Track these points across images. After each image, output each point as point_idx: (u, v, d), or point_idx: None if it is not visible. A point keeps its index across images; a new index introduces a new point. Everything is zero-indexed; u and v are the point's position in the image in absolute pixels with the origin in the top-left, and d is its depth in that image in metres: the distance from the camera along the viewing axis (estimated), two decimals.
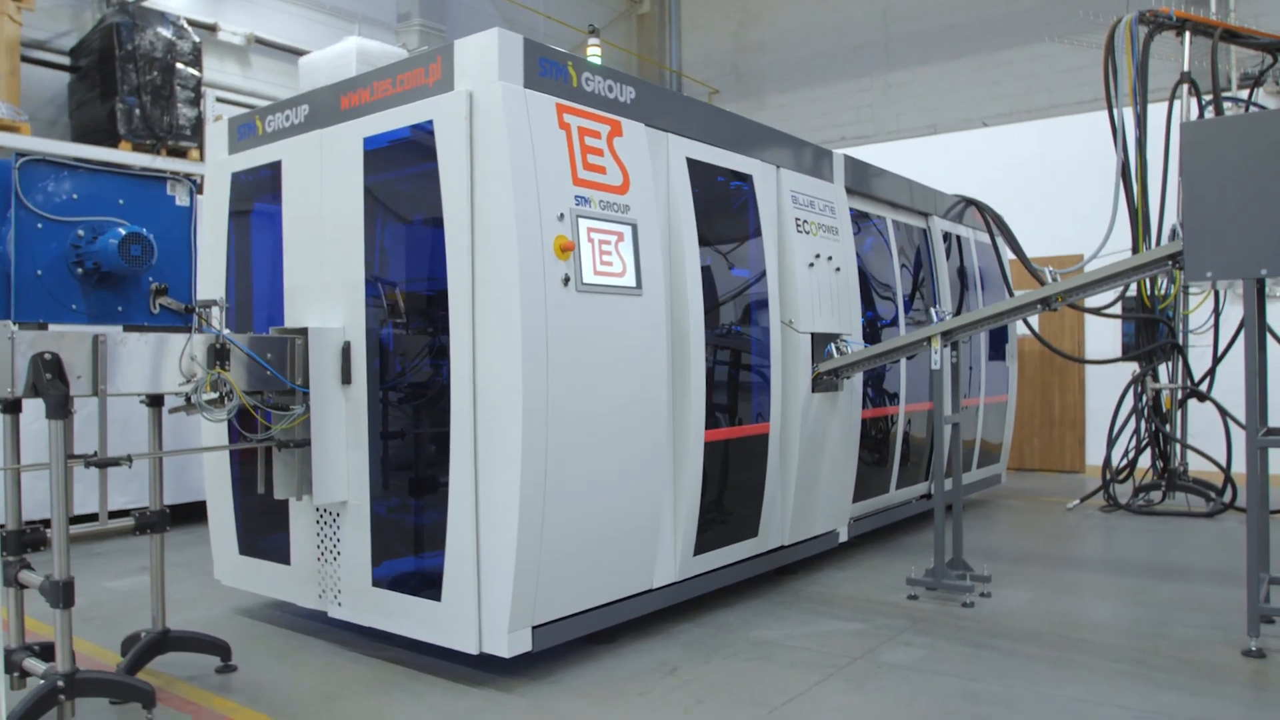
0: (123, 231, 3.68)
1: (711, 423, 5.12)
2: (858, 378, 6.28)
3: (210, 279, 5.47)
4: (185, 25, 10.26)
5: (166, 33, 9.82)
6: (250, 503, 5.21)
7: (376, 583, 4.52)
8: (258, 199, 5.39)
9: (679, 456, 4.93)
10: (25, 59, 9.98)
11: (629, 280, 4.49)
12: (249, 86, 12.67)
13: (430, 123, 4.23)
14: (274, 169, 5.10)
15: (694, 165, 5.15)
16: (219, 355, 3.85)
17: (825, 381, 5.95)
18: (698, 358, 4.96)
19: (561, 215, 4.18)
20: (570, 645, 4.52)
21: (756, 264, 5.64)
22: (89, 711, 3.78)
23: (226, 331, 4.01)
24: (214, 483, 5.43)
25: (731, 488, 5.48)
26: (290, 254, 4.98)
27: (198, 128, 10.20)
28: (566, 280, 4.15)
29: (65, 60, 10.34)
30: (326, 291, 4.74)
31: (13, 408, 3.54)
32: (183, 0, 11.58)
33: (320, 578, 4.80)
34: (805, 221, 5.94)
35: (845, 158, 6.65)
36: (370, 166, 4.57)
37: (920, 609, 5.34)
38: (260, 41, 12.83)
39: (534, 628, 4.16)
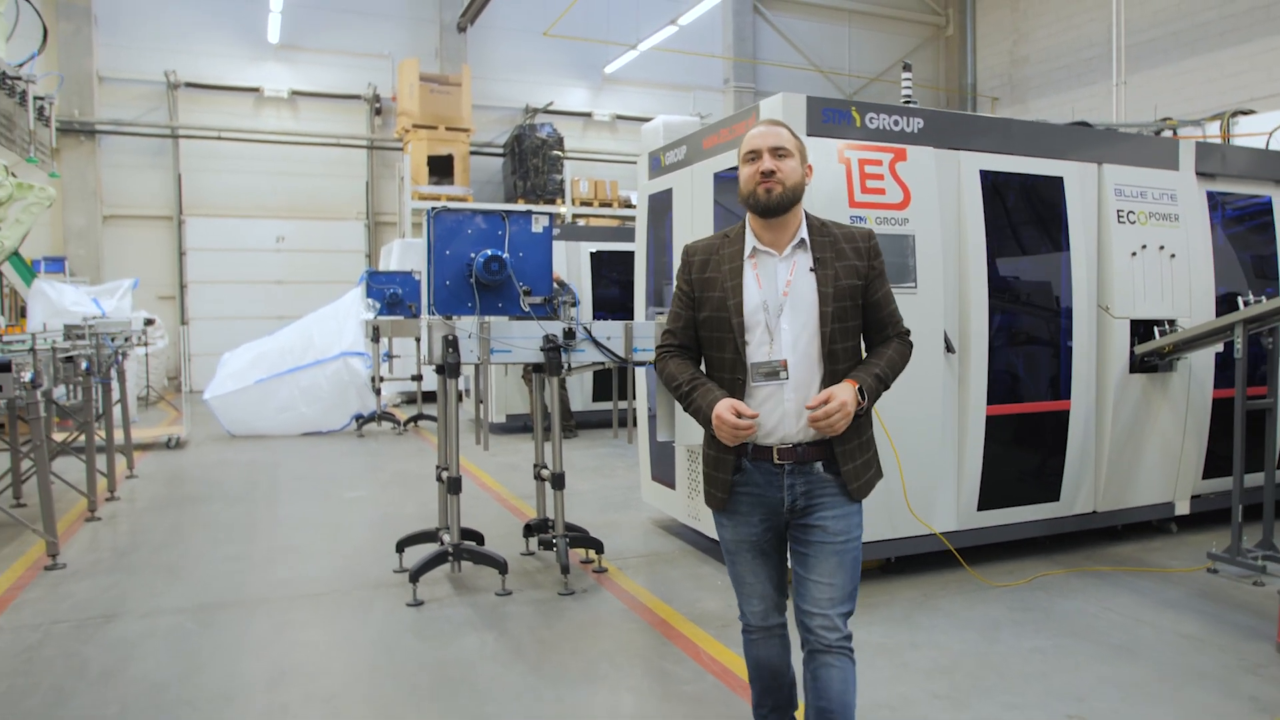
0: (488, 253, 5.43)
1: (1000, 399, 5.91)
2: (1207, 357, 6.55)
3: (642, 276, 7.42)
4: (553, 127, 19.00)
5: (543, 134, 18.67)
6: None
7: None
8: (663, 213, 7.12)
9: (962, 427, 5.81)
10: (478, 153, 19.20)
11: (903, 281, 5.49)
12: (615, 147, 20.67)
13: None
14: (668, 194, 6.80)
15: (992, 175, 5.91)
16: (569, 335, 5.57)
17: (1153, 363, 6.33)
18: (979, 345, 5.78)
19: None
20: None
21: (1065, 257, 6.20)
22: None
23: (585, 321, 5.68)
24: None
25: (1027, 456, 6.22)
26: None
27: (559, 186, 18.56)
28: None
29: (501, 151, 19.61)
30: None
31: (453, 371, 5.50)
32: (573, 96, 20.45)
33: (689, 500, 6.48)
34: (1131, 212, 6.30)
35: (1196, 144, 6.71)
36: (718, 191, 6.06)
37: (1210, 581, 5.67)
38: (620, 117, 20.88)
39: None
